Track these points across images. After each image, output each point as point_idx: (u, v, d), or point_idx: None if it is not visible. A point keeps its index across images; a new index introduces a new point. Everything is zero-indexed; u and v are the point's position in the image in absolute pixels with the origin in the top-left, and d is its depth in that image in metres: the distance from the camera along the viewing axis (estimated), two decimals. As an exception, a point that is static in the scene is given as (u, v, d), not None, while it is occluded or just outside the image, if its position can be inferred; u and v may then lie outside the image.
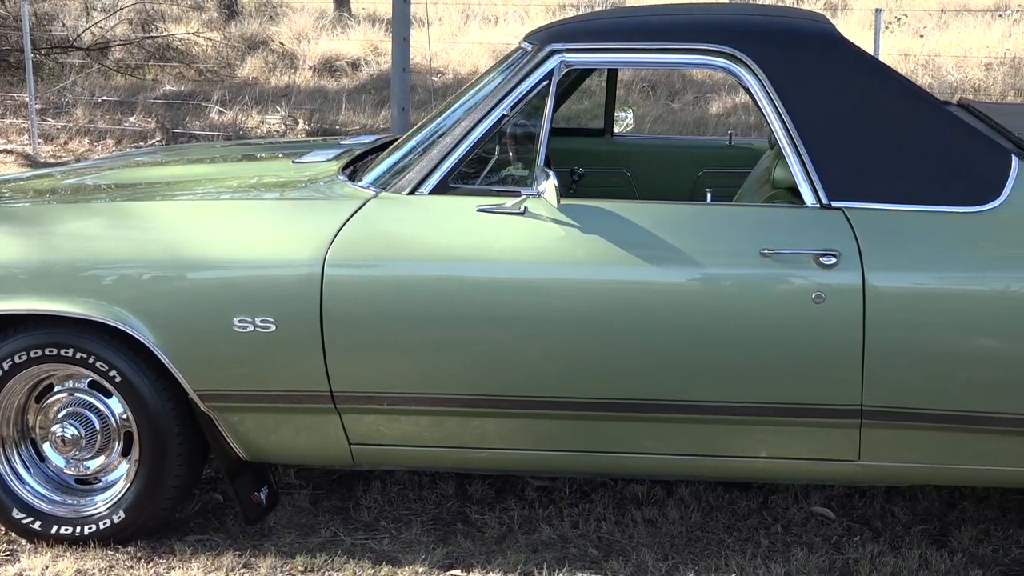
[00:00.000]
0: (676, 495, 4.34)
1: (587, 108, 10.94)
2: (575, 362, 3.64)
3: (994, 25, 14.52)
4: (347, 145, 4.78)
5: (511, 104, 3.79)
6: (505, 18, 15.77)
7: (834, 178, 3.62)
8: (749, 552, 3.98)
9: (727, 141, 5.27)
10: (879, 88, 3.74)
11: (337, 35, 14.93)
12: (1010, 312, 3.49)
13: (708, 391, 3.63)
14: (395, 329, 3.67)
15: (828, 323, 3.54)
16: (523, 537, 4.08)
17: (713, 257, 3.61)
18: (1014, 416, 3.55)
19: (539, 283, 3.63)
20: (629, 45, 3.85)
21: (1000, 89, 12.18)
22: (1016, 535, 4.09)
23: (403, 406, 3.76)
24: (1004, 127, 3.94)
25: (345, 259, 3.67)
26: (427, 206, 3.77)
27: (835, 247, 3.54)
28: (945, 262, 3.54)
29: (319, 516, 4.23)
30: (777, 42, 3.80)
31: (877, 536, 4.09)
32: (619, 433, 3.75)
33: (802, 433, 3.69)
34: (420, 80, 12.36)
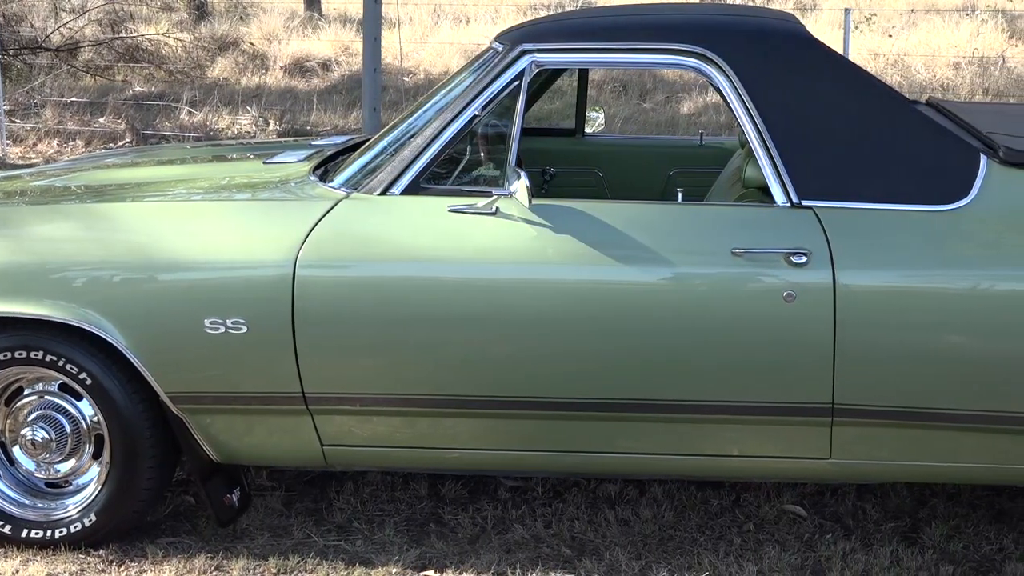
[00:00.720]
0: (649, 494, 4.34)
1: (558, 108, 10.94)
2: (547, 362, 3.64)
3: (962, 25, 14.60)
4: (318, 146, 4.77)
5: (482, 104, 3.79)
6: (476, 18, 15.77)
7: (804, 177, 3.64)
8: (722, 550, 3.99)
9: (698, 141, 5.29)
10: (849, 87, 3.76)
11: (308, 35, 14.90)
12: (979, 310, 3.52)
13: (680, 390, 3.64)
14: (367, 330, 3.67)
15: (799, 322, 3.55)
16: (496, 537, 4.08)
17: (684, 256, 3.62)
18: (983, 413, 3.57)
19: (511, 283, 3.63)
20: (600, 45, 3.86)
21: (968, 88, 12.25)
22: (986, 531, 4.12)
23: (375, 407, 3.76)
24: (972, 126, 3.96)
25: (316, 260, 3.67)
26: (398, 207, 3.76)
27: (806, 246, 3.56)
28: (914, 260, 3.56)
29: (292, 518, 4.22)
30: (747, 42, 3.81)
31: (849, 533, 4.11)
32: (592, 433, 3.76)
33: (773, 431, 3.70)
34: (391, 80, 12.35)
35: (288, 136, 10.62)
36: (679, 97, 11.99)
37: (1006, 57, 13.09)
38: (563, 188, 5.06)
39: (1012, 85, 12.28)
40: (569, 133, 5.41)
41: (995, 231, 3.58)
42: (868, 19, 15.01)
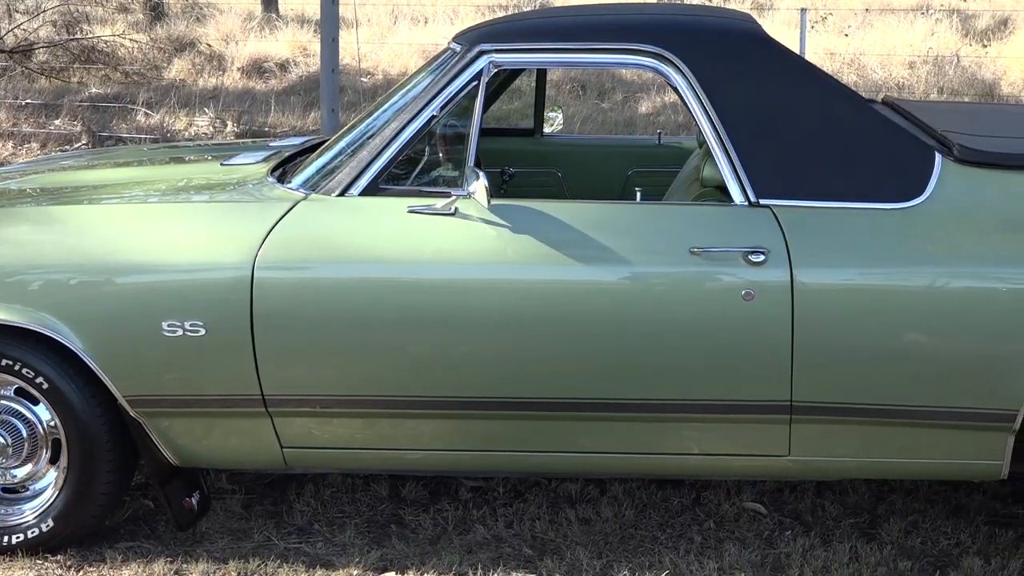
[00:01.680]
0: (610, 493, 4.35)
1: (517, 108, 10.94)
2: (507, 362, 3.65)
3: (917, 24, 14.70)
4: (276, 147, 4.76)
5: (440, 105, 3.79)
6: (434, 19, 15.74)
7: (762, 176, 3.65)
8: (682, 548, 4.01)
9: (656, 140, 5.30)
10: (805, 87, 3.78)
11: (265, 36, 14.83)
12: (935, 307, 3.54)
13: (639, 389, 3.65)
14: (326, 331, 3.66)
15: (757, 320, 3.57)
16: (457, 538, 4.08)
17: (643, 256, 3.63)
18: (940, 409, 3.60)
19: (470, 283, 3.63)
20: (558, 45, 3.86)
21: (924, 87, 12.34)
22: (944, 526, 4.15)
23: (335, 409, 3.75)
24: (927, 124, 3.99)
25: (275, 261, 3.65)
26: (357, 207, 3.76)
27: (763, 245, 3.58)
28: (871, 258, 3.59)
29: (252, 521, 4.20)
30: (704, 41, 3.83)
31: (808, 530, 4.14)
32: (552, 432, 3.76)
33: (733, 429, 3.72)
34: (349, 81, 12.31)
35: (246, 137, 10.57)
36: (637, 97, 12.01)
37: (960, 56, 13.20)
38: (522, 188, 5.06)
39: (966, 84, 12.38)
40: (528, 133, 5.41)
41: (950, 229, 3.61)
42: (824, 18, 15.09)
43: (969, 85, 12.34)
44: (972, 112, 5.47)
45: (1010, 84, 12.42)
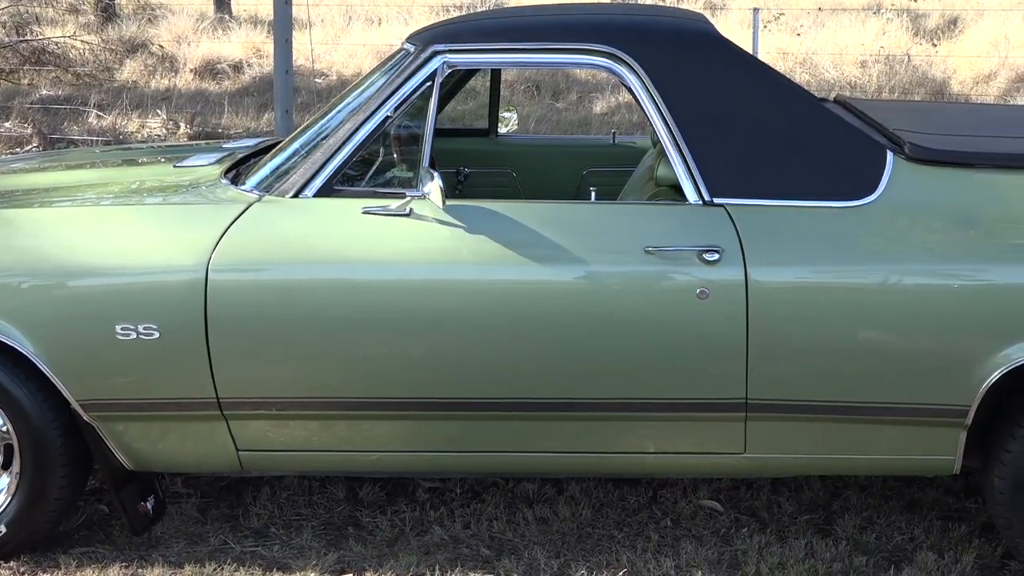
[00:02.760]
0: (567, 492, 4.36)
1: (472, 108, 10.94)
2: (463, 363, 3.64)
3: (868, 23, 14.80)
4: (230, 148, 4.73)
5: (394, 105, 3.79)
6: (388, 19, 15.69)
7: (716, 175, 3.67)
8: (639, 547, 4.02)
9: (611, 140, 5.32)
10: (758, 86, 3.80)
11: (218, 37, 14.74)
12: (888, 304, 3.57)
13: (596, 388, 3.66)
14: (281, 333, 3.64)
15: (712, 318, 3.58)
16: (415, 539, 4.08)
17: (598, 255, 3.64)
18: (893, 405, 3.63)
19: (425, 284, 3.63)
20: (511, 45, 3.86)
21: (875, 86, 12.43)
22: (898, 522, 4.19)
23: (291, 411, 3.73)
24: (879, 123, 4.02)
25: (229, 264, 3.64)
26: (311, 209, 3.74)
27: (718, 243, 3.59)
28: (824, 256, 3.61)
29: (208, 524, 4.18)
30: (657, 41, 3.84)
31: (764, 527, 4.16)
32: (509, 432, 3.76)
33: (689, 428, 3.73)
34: (303, 82, 12.26)
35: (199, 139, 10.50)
36: (592, 97, 12.04)
37: (911, 55, 13.31)
38: (477, 188, 5.06)
39: (917, 82, 12.48)
40: (482, 133, 5.41)
41: (902, 226, 3.64)
42: (777, 18, 15.17)
43: (920, 84, 12.44)
44: (923, 111, 5.51)
45: (960, 83, 12.54)
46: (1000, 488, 3.67)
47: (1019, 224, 3.60)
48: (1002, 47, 13.55)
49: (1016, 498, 3.65)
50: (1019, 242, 3.58)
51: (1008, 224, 3.60)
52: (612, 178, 4.92)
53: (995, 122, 4.64)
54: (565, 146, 5.57)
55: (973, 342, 3.56)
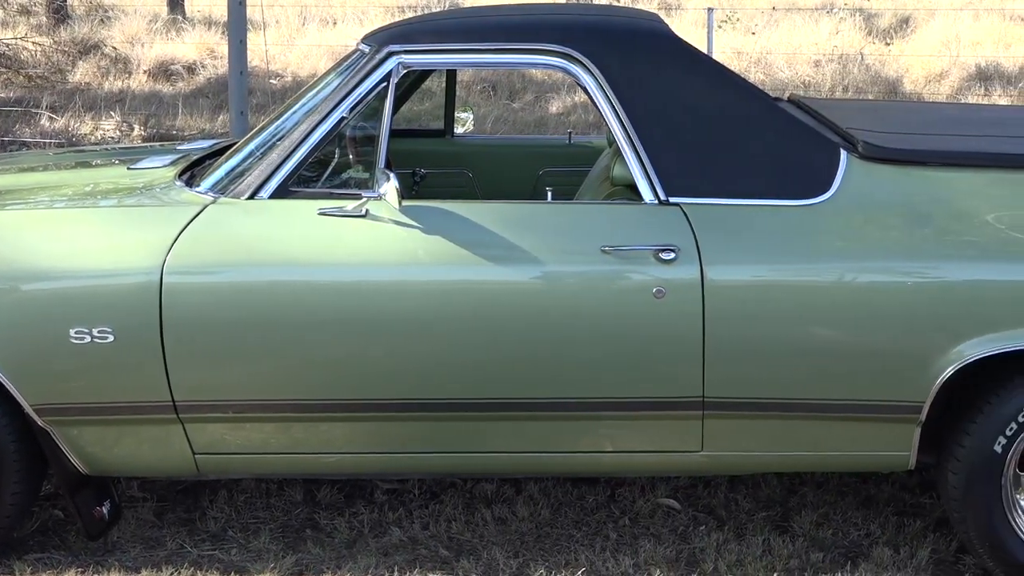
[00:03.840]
0: (525, 492, 4.36)
1: (428, 109, 10.93)
2: (420, 364, 3.64)
3: (822, 23, 14.92)
4: (184, 150, 4.70)
5: (350, 106, 3.77)
6: (343, 20, 15.66)
7: (671, 175, 3.68)
8: (598, 545, 4.03)
9: (567, 140, 5.33)
10: (713, 86, 3.82)
11: (172, 38, 14.66)
12: (842, 301, 3.60)
13: (553, 388, 3.66)
14: (238, 336, 3.63)
15: (669, 317, 3.60)
16: (373, 541, 4.07)
17: (555, 255, 3.64)
18: (849, 402, 3.65)
19: (382, 285, 3.62)
20: (467, 46, 3.86)
21: (829, 85, 12.52)
22: (854, 518, 4.22)
23: (248, 413, 3.72)
24: (833, 122, 4.05)
25: (184, 266, 3.61)
26: (267, 210, 3.73)
27: (674, 242, 3.61)
28: (779, 254, 3.63)
29: (164, 528, 4.16)
30: (612, 41, 3.85)
31: (722, 524, 4.18)
32: (467, 433, 3.76)
33: (646, 426, 3.74)
34: (258, 83, 12.21)
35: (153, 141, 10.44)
36: (548, 97, 12.05)
37: (864, 54, 13.41)
38: (433, 189, 5.06)
39: (870, 81, 12.58)
40: (438, 134, 5.41)
41: (856, 224, 3.66)
42: (731, 18, 15.25)
43: (873, 83, 12.54)
44: (876, 109, 5.56)
45: (912, 81, 12.65)
46: (954, 483, 3.71)
47: (971, 221, 3.63)
48: (953, 46, 13.69)
49: (969, 493, 3.68)
50: (971, 239, 3.61)
51: (960, 221, 3.64)
52: (568, 178, 4.93)
53: (947, 120, 4.69)
54: (521, 146, 5.58)
55: (927, 339, 3.59)
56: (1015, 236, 3.61)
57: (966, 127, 4.43)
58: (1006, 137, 4.18)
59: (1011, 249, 3.60)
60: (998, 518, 3.69)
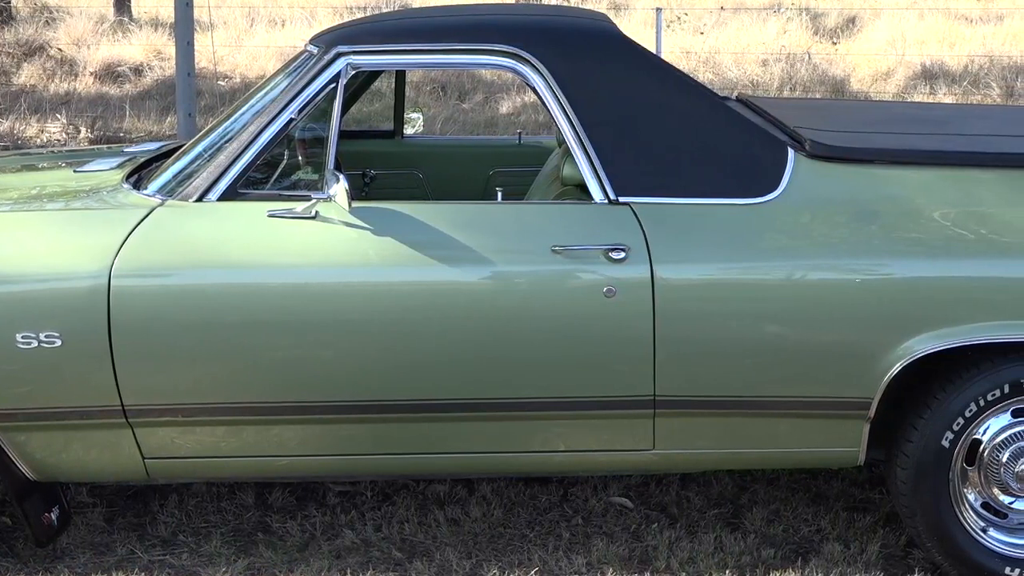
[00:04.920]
0: (478, 493, 4.36)
1: (377, 110, 10.90)
2: (371, 365, 3.63)
3: (769, 22, 15.01)
4: (131, 153, 4.67)
5: (299, 107, 3.76)
6: (292, 21, 15.59)
7: (621, 174, 3.70)
8: (551, 545, 4.03)
9: (517, 140, 5.33)
10: (661, 85, 3.83)
11: (118, 40, 14.54)
12: (791, 299, 3.62)
13: (505, 388, 3.66)
14: (187, 339, 3.60)
15: (620, 316, 3.61)
16: (326, 544, 4.05)
17: (505, 255, 3.64)
18: (799, 399, 3.68)
19: (332, 287, 3.61)
20: (415, 46, 3.86)
21: (777, 84, 12.60)
22: (804, 514, 4.25)
23: (198, 417, 3.69)
24: (780, 121, 4.07)
25: (132, 269, 3.59)
26: (215, 213, 3.71)
27: (624, 242, 3.62)
28: (729, 253, 3.65)
29: (114, 534, 4.12)
30: (560, 41, 3.85)
31: (674, 522, 4.20)
32: (419, 434, 3.76)
33: (598, 425, 3.75)
34: (206, 85, 12.13)
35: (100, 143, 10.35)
36: (498, 97, 12.06)
37: (811, 54, 13.51)
38: (384, 190, 5.05)
39: (817, 80, 12.67)
40: (388, 135, 5.40)
41: (804, 222, 3.69)
42: (679, 18, 15.32)
43: (820, 82, 12.63)
44: (823, 108, 5.60)
45: (859, 80, 12.75)
46: (903, 478, 3.74)
47: (917, 218, 3.67)
48: (899, 45, 13.82)
49: (918, 488, 3.72)
50: (918, 236, 3.65)
51: (907, 219, 3.67)
52: (518, 178, 4.93)
53: (893, 119, 4.73)
54: (471, 147, 5.57)
55: (875, 335, 3.62)
56: (960, 233, 3.65)
57: (912, 125, 4.47)
58: (951, 135, 4.23)
59: (957, 246, 3.64)
60: (946, 512, 3.73)
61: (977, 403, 3.66)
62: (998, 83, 12.16)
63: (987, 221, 3.67)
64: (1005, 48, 13.59)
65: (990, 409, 3.68)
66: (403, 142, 5.33)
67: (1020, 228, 3.66)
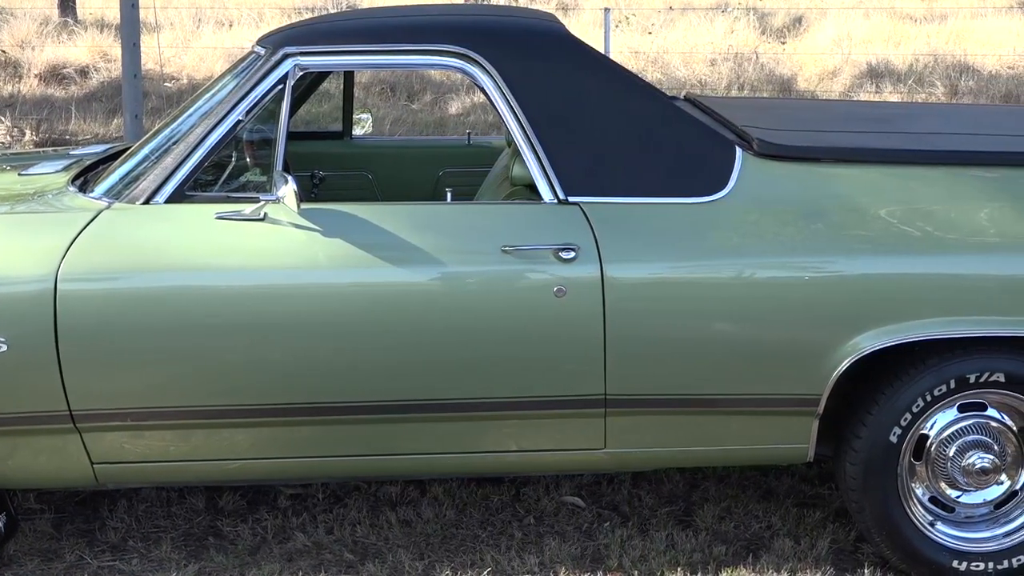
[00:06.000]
0: (430, 494, 4.36)
1: (326, 111, 10.87)
2: (322, 367, 3.62)
3: (717, 22, 15.08)
4: (77, 155, 4.63)
5: (246, 109, 3.74)
6: (239, 21, 15.50)
7: (570, 174, 3.70)
8: (503, 545, 4.04)
9: (466, 140, 5.33)
10: (610, 85, 3.84)
11: (64, 41, 14.40)
12: (740, 297, 3.64)
13: (456, 389, 3.66)
14: (135, 343, 3.58)
15: (570, 316, 3.61)
16: (277, 547, 4.04)
17: (455, 256, 3.64)
18: (748, 396, 3.69)
19: (281, 289, 3.59)
20: (363, 47, 3.84)
21: (725, 83, 12.66)
22: (755, 510, 4.27)
23: (147, 421, 3.66)
24: (728, 120, 4.09)
25: (79, 273, 3.56)
26: (163, 215, 3.68)
27: (574, 241, 3.62)
28: (678, 252, 3.66)
29: (63, 540, 4.09)
30: (508, 41, 3.86)
31: (626, 521, 4.21)
32: (370, 435, 3.75)
33: (550, 425, 3.75)
34: (153, 87, 12.04)
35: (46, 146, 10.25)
36: (447, 98, 12.04)
37: (759, 53, 13.59)
38: (333, 191, 5.03)
39: (764, 80, 12.75)
40: (337, 136, 5.38)
41: (752, 220, 3.71)
42: (627, 18, 15.36)
43: (767, 81, 12.71)
44: (770, 107, 5.63)
45: (806, 79, 12.84)
46: (852, 474, 3.77)
47: (864, 216, 3.70)
48: (845, 44, 13.93)
49: (867, 483, 3.75)
50: (864, 233, 3.67)
51: (853, 216, 3.70)
52: (468, 178, 4.93)
53: (840, 117, 4.77)
54: (421, 147, 5.57)
55: (823, 332, 3.65)
56: (906, 230, 3.68)
57: (858, 124, 4.51)
58: (897, 133, 4.27)
59: (903, 243, 3.67)
60: (894, 507, 3.77)
61: (924, 399, 3.69)
62: (942, 81, 12.29)
63: (932, 218, 3.71)
64: (949, 47, 13.73)
65: (936, 404, 3.72)
66: (352, 143, 5.32)
67: (964, 225, 3.70)
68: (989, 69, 12.76)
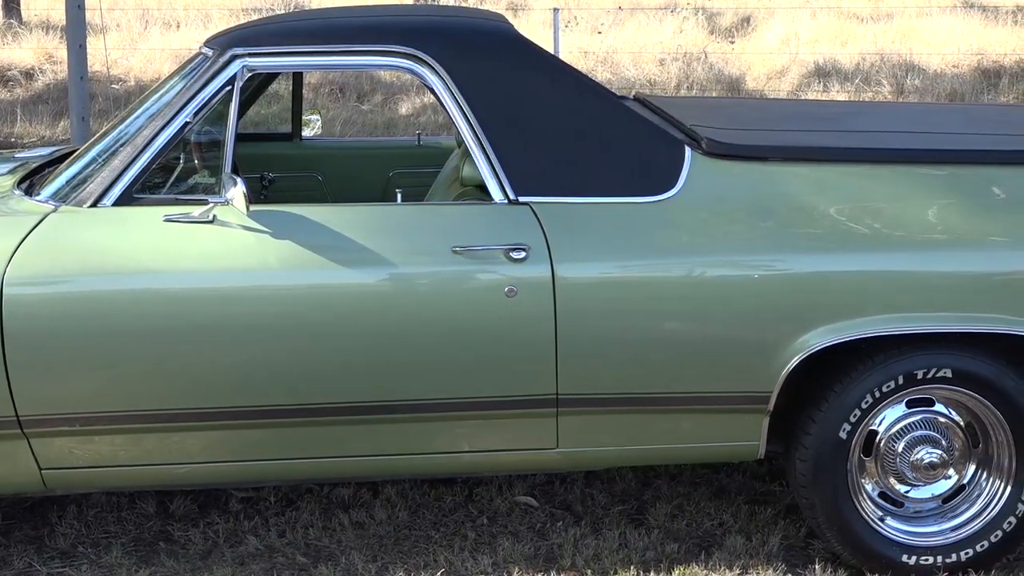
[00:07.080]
0: (383, 495, 4.35)
1: (275, 112, 10.82)
2: (272, 369, 3.60)
3: (666, 22, 15.14)
4: (23, 158, 4.58)
5: (194, 111, 3.72)
6: (186, 23, 15.40)
7: (520, 174, 3.71)
8: (456, 546, 4.03)
9: (416, 141, 5.32)
10: (559, 85, 3.85)
11: (8, 43, 14.26)
12: (690, 295, 3.66)
13: (408, 390, 3.66)
14: (83, 347, 3.55)
15: (521, 316, 3.62)
16: (229, 551, 4.01)
17: (406, 257, 3.63)
18: (699, 394, 3.71)
19: (231, 291, 3.57)
20: (311, 48, 3.83)
21: (674, 83, 12.71)
22: (707, 508, 4.29)
23: (96, 426, 3.63)
24: (677, 119, 4.11)
25: (25, 277, 3.52)
26: (111, 218, 3.65)
27: (524, 241, 3.63)
28: (628, 251, 3.67)
29: (11, 547, 4.04)
30: (456, 42, 3.86)
31: (579, 520, 4.22)
32: (322, 438, 3.73)
33: (502, 425, 3.75)
34: (100, 88, 11.94)
35: (-9, 149, 10.14)
36: (397, 99, 12.02)
37: (708, 53, 13.65)
38: (283, 193, 5.01)
39: (713, 79, 12.81)
40: (286, 137, 5.36)
41: (702, 219, 3.73)
42: (576, 19, 15.39)
43: (716, 81, 12.78)
44: (719, 106, 5.66)
45: (754, 79, 12.92)
46: (802, 471, 3.80)
47: (812, 214, 3.72)
48: (792, 44, 14.02)
49: (817, 480, 3.78)
50: (812, 231, 3.70)
51: (802, 214, 3.72)
52: (418, 179, 4.92)
53: (788, 116, 4.80)
54: (370, 148, 5.56)
55: (773, 330, 3.67)
56: (854, 228, 3.71)
57: (806, 123, 4.54)
58: (844, 132, 4.30)
59: (850, 240, 3.70)
60: (845, 503, 3.80)
61: (872, 395, 3.72)
62: (889, 80, 12.39)
63: (879, 216, 3.74)
64: (895, 46, 13.84)
65: (885, 400, 3.75)
66: (301, 144, 5.30)
67: (911, 222, 3.74)
68: (934, 68, 12.89)
